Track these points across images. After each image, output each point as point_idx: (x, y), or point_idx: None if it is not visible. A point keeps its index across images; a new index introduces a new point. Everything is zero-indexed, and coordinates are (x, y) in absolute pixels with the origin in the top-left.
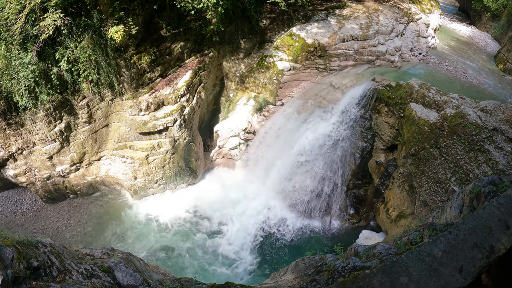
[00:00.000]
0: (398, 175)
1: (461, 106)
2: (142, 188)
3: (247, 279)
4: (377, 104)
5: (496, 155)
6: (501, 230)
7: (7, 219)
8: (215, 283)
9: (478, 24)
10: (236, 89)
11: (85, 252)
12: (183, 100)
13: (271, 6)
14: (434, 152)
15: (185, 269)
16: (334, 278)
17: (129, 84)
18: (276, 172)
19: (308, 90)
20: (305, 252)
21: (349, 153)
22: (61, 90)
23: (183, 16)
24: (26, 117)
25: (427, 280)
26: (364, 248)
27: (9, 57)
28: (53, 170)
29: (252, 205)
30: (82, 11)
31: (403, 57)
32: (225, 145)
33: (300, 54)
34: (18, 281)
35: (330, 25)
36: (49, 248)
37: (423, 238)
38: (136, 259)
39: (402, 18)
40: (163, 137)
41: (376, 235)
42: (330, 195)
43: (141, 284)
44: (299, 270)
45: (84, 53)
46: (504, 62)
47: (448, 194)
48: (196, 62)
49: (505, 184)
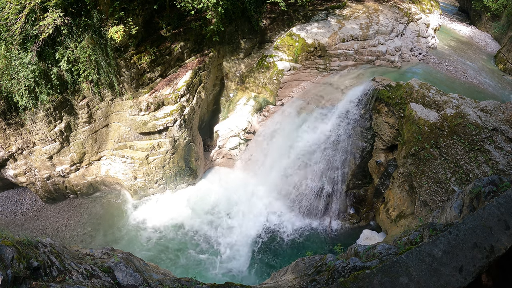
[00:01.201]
0: (398, 175)
1: (461, 106)
2: (142, 188)
3: (247, 279)
4: (377, 104)
5: (496, 155)
6: (501, 230)
7: (7, 219)
8: (215, 283)
9: (478, 24)
10: (236, 89)
11: (85, 252)
12: (183, 100)
13: (271, 6)
14: (434, 152)
15: (185, 269)
16: (334, 278)
17: (129, 84)
18: (276, 172)
19: (308, 90)
20: (305, 252)
21: (349, 153)
22: (61, 90)
23: (183, 16)
24: (26, 117)
25: (427, 280)
26: (364, 248)
27: (9, 57)
28: (53, 170)
29: (252, 205)
30: (82, 11)
31: (403, 57)
32: (225, 145)
33: (300, 54)
34: (18, 281)
35: (330, 25)
36: (49, 248)
37: (423, 238)
38: (136, 259)
39: (402, 18)
40: (163, 137)
41: (377, 235)
42: (330, 195)
43: (141, 284)
44: (299, 270)
45: (84, 53)
46: (504, 62)
47: (448, 194)
48: (196, 62)
49: (505, 184)
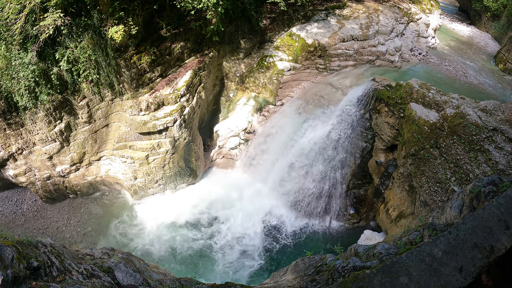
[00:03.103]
0: (398, 175)
1: (461, 106)
2: (142, 188)
3: (247, 279)
4: (377, 104)
5: (496, 155)
6: (501, 230)
7: (7, 219)
8: (215, 283)
9: (478, 24)
10: (236, 89)
11: (85, 252)
12: (183, 100)
13: (271, 6)
14: (434, 152)
15: (184, 269)
16: (334, 278)
17: (129, 84)
18: (276, 172)
19: (308, 90)
20: (305, 252)
21: (349, 153)
22: (61, 90)
23: (183, 16)
24: (26, 117)
25: (427, 280)
26: (364, 248)
27: (9, 57)
28: (53, 170)
29: (252, 205)
30: (82, 11)
31: (403, 57)
32: (225, 145)
33: (300, 54)
34: (18, 281)
35: (330, 25)
36: (49, 248)
37: (423, 238)
38: (136, 259)
39: (402, 18)
40: (163, 137)
41: (377, 235)
42: (330, 195)
43: (141, 284)
44: (299, 270)
45: (84, 53)
46: (504, 62)
47: (448, 194)
48: (196, 62)
49: (505, 184)
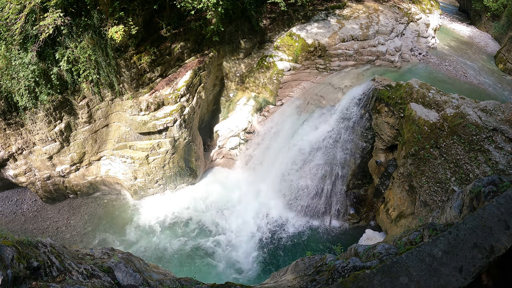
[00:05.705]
0: (398, 175)
1: (461, 106)
2: (142, 188)
3: (247, 279)
4: (377, 104)
5: (496, 155)
6: (501, 230)
7: (7, 219)
8: (215, 283)
9: (478, 24)
10: (236, 89)
11: (85, 252)
12: (183, 100)
13: (271, 6)
14: (434, 152)
15: (184, 269)
16: (334, 278)
17: (129, 84)
18: (276, 171)
19: (308, 90)
20: (305, 252)
21: (349, 153)
22: (61, 90)
23: (183, 16)
24: (26, 117)
25: (427, 280)
26: (364, 248)
27: (9, 57)
28: (53, 170)
29: (252, 205)
30: (82, 11)
31: (403, 57)
32: (225, 145)
33: (300, 54)
34: (18, 281)
35: (330, 25)
36: (49, 248)
37: (423, 238)
38: (136, 259)
39: (402, 18)
40: (163, 137)
41: (379, 235)
42: (330, 195)
43: (141, 284)
44: (299, 270)
45: (84, 53)
46: (504, 62)
47: (448, 194)
48: (196, 62)
49: (505, 184)
